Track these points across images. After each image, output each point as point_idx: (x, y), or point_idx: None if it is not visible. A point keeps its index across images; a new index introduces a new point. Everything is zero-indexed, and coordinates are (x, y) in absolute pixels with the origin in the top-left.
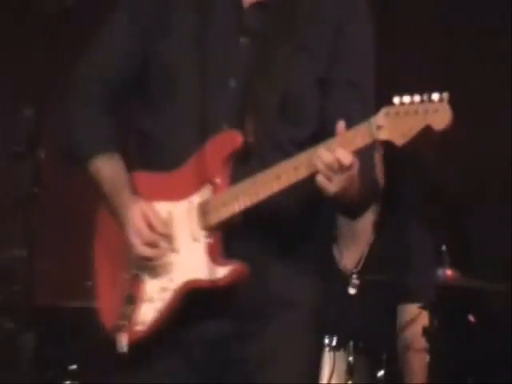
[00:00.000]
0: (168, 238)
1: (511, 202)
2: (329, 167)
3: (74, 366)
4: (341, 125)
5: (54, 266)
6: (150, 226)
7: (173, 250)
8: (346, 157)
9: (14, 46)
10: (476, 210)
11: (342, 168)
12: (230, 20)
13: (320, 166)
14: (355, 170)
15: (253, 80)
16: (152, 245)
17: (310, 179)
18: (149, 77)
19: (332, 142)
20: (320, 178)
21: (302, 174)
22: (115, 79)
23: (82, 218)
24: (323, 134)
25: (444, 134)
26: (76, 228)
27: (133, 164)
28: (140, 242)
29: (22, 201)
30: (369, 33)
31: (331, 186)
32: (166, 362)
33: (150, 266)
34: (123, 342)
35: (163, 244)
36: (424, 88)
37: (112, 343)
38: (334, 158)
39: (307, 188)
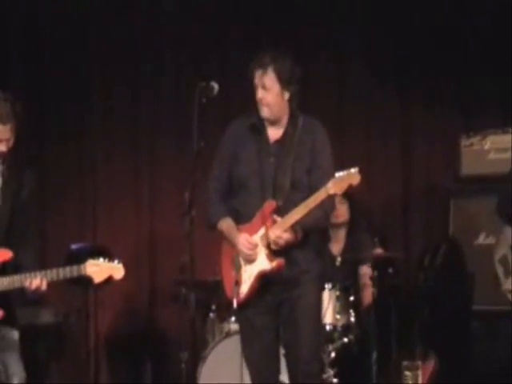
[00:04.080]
0: (254, 248)
1: (403, 214)
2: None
3: (213, 307)
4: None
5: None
6: (248, 243)
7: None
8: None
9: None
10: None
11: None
12: (265, 150)
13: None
14: (300, 234)
15: (277, 175)
16: (250, 250)
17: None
18: (233, 181)
19: (308, 200)
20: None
21: (297, 217)
22: (222, 186)
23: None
24: (310, 192)
25: (358, 185)
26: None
27: (233, 219)
28: (245, 249)
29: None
30: (326, 143)
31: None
32: (256, 308)
33: (244, 265)
34: (235, 302)
35: (253, 251)
36: None
37: (230, 302)
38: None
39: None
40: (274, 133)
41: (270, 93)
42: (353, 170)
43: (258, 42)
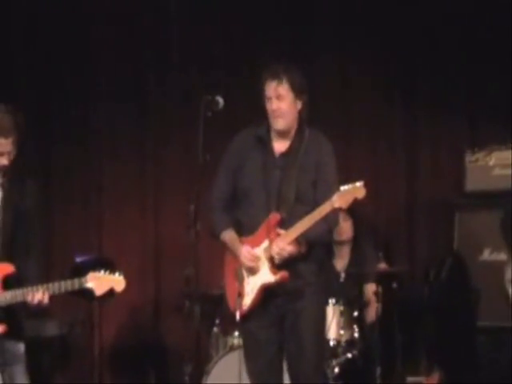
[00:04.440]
0: (256, 259)
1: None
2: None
3: (217, 320)
4: (321, 205)
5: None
6: (250, 255)
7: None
8: (289, 247)
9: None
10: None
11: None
12: (271, 162)
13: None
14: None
15: (281, 187)
16: (252, 262)
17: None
18: (237, 192)
19: (313, 213)
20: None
21: (301, 230)
22: (226, 195)
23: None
24: (315, 205)
25: (363, 199)
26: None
27: (236, 231)
28: (247, 261)
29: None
30: (332, 157)
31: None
32: (259, 320)
33: (247, 278)
34: (238, 314)
35: (255, 263)
36: None
37: (233, 314)
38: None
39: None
40: (280, 145)
41: (285, 102)
42: (358, 184)
43: (261, 45)
